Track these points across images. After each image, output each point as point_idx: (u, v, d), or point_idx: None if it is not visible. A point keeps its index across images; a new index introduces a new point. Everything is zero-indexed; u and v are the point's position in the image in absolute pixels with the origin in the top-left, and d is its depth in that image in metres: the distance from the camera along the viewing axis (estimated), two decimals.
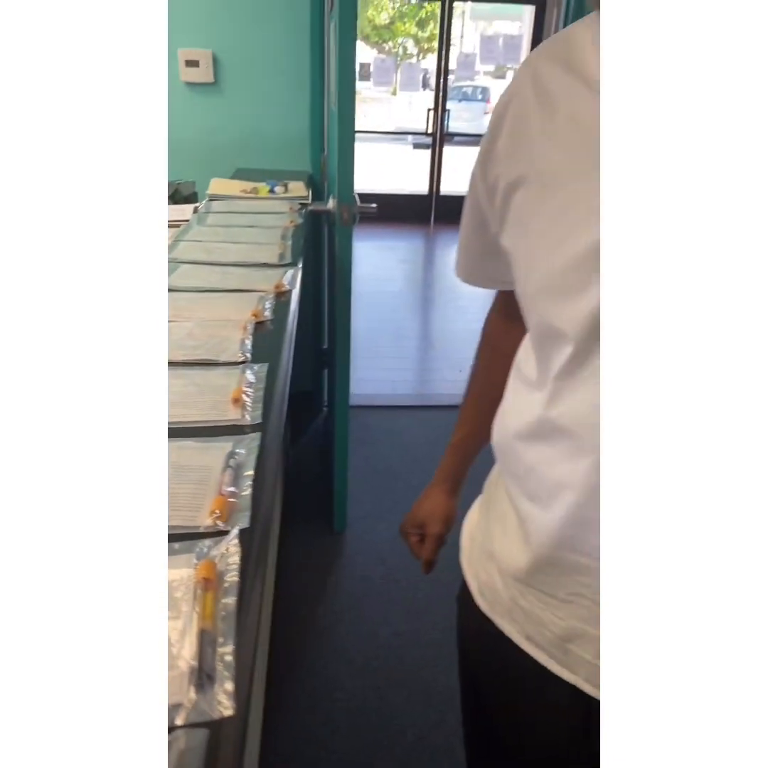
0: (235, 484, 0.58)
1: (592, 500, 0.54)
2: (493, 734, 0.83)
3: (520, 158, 0.55)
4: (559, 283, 0.52)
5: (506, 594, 0.68)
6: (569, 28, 0.56)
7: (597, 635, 0.60)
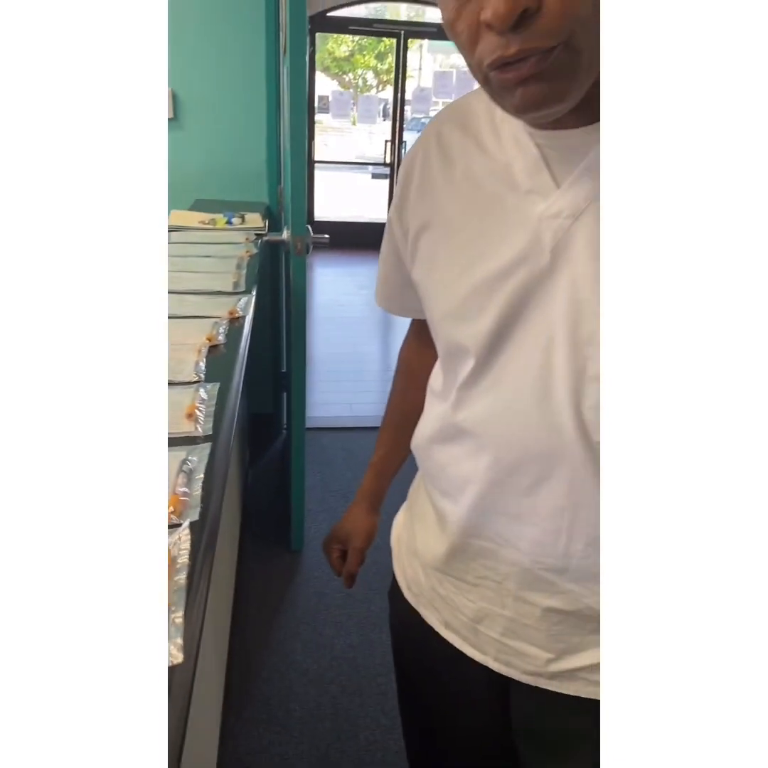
0: (187, 485, 0.66)
1: (492, 492, 0.64)
2: (426, 719, 0.91)
3: (427, 206, 0.66)
4: (461, 309, 0.62)
5: (427, 584, 0.78)
6: (466, 97, 0.67)
7: (501, 614, 0.70)
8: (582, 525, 0.61)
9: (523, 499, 0.62)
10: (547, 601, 0.66)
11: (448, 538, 0.71)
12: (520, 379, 0.60)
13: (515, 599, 0.68)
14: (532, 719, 0.76)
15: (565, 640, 0.67)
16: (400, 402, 0.92)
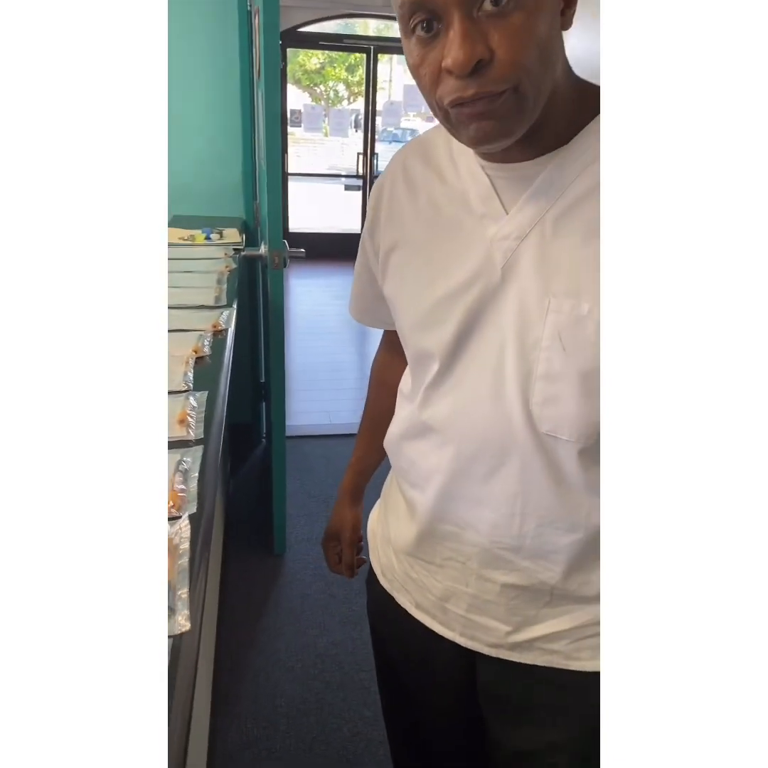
0: (184, 483, 0.74)
1: (455, 480, 0.73)
2: (401, 695, 0.99)
3: (395, 228, 0.74)
4: (426, 320, 0.71)
5: (400, 569, 0.86)
6: (427, 133, 0.76)
7: (465, 591, 0.78)
8: (533, 508, 0.70)
9: (482, 486, 0.71)
10: (505, 577, 0.74)
11: (417, 524, 0.79)
12: (478, 380, 0.68)
13: (477, 577, 0.76)
14: (495, 689, 0.85)
15: (522, 613, 0.76)
16: (375, 407, 1.00)
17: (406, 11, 0.55)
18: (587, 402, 0.64)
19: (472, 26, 0.52)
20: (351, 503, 1.06)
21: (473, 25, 0.52)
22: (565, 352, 0.63)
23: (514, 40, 0.53)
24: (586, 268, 0.61)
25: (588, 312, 0.61)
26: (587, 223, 0.61)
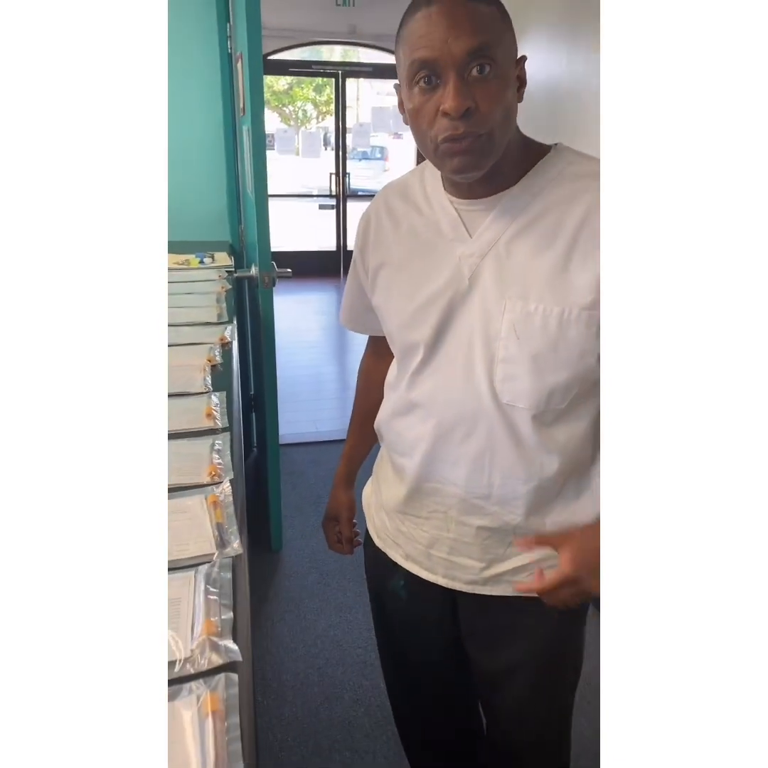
0: (220, 458, 0.94)
1: (436, 446, 0.93)
2: (394, 640, 1.18)
3: (382, 251, 0.95)
4: (411, 321, 0.92)
5: (392, 526, 1.06)
6: (404, 177, 0.97)
7: (447, 536, 0.97)
8: (498, 463, 0.90)
9: (458, 448, 0.91)
10: (478, 521, 0.94)
11: (406, 485, 0.99)
12: (453, 365, 0.89)
13: (457, 523, 0.96)
14: (471, 621, 1.05)
15: (493, 551, 0.96)
16: (363, 402, 1.20)
17: (415, 68, 0.75)
18: (537, 378, 0.85)
19: (463, 85, 0.74)
20: (345, 487, 1.25)
21: (464, 84, 0.74)
22: (518, 340, 0.84)
23: (491, 99, 0.75)
24: (531, 276, 0.83)
25: (534, 309, 0.83)
26: (531, 243, 0.83)
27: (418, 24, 0.74)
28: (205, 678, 0.56)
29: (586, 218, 0.81)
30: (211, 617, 0.61)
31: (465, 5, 0.72)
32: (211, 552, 0.73)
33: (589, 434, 0.92)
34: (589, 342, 0.83)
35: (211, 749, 0.49)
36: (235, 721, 0.52)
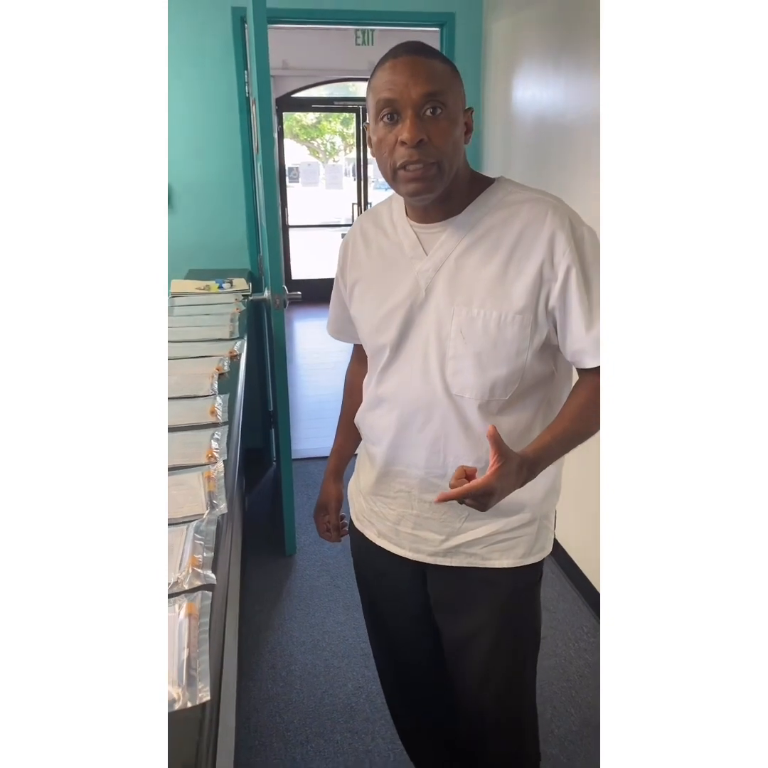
0: (218, 446, 1.11)
1: (400, 434, 1.08)
2: (374, 610, 1.32)
3: (356, 270, 1.13)
4: (379, 326, 1.08)
5: (367, 507, 1.21)
6: (376, 206, 1.15)
7: (411, 513, 1.12)
8: (451, 447, 1.05)
9: (417, 435, 1.07)
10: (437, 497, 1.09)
11: (376, 470, 1.15)
12: (412, 363, 1.05)
13: (419, 501, 1.11)
14: (438, 591, 1.19)
15: (450, 525, 1.11)
16: (349, 405, 1.35)
17: (380, 106, 0.93)
18: (480, 372, 1.00)
19: (418, 121, 0.91)
20: (334, 480, 1.40)
21: (419, 121, 0.91)
22: (464, 340, 1.00)
23: (441, 134, 0.92)
24: (475, 286, 0.99)
25: (476, 314, 0.99)
26: (475, 259, 1.00)
27: (386, 72, 0.92)
28: (187, 594, 0.73)
29: (520, 237, 0.97)
30: (195, 554, 0.78)
31: (424, 61, 0.91)
32: (201, 512, 0.90)
33: (535, 424, 1.07)
34: (524, 341, 0.99)
35: (185, 636, 0.65)
36: (205, 620, 0.68)
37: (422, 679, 1.35)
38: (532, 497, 1.09)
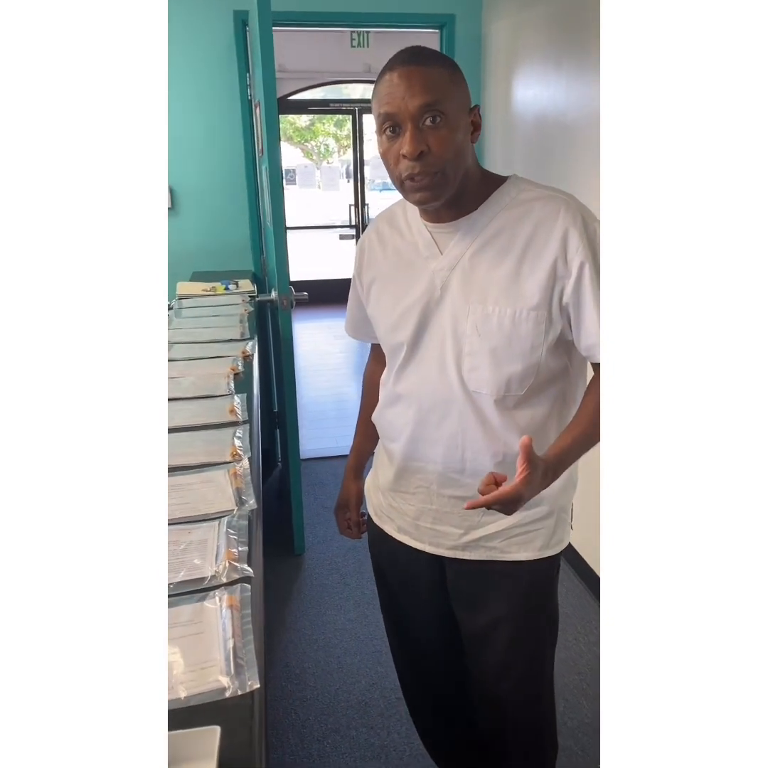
0: (241, 443, 1.13)
1: (418, 429, 1.10)
2: (394, 604, 1.34)
3: (373, 269, 1.15)
4: (396, 324, 1.10)
5: (386, 503, 1.23)
6: (391, 207, 1.17)
7: (431, 508, 1.14)
8: (469, 442, 1.07)
9: (435, 431, 1.09)
10: (456, 492, 1.11)
11: (395, 466, 1.17)
12: (430, 360, 1.07)
13: (438, 495, 1.13)
14: (456, 584, 1.21)
15: (469, 519, 1.13)
16: (368, 404, 1.37)
17: (382, 120, 0.95)
18: (496, 368, 1.02)
19: (418, 133, 0.93)
20: (355, 478, 1.42)
21: (419, 132, 0.93)
22: (480, 337, 1.02)
23: (442, 143, 0.94)
24: (489, 284, 1.01)
25: (491, 311, 1.01)
26: (489, 257, 1.01)
27: (384, 85, 0.94)
28: (227, 587, 0.74)
29: (533, 235, 0.99)
30: (230, 549, 0.80)
31: (419, 71, 0.92)
32: (232, 508, 0.91)
33: (551, 418, 1.08)
34: (539, 337, 1.00)
35: (229, 627, 0.67)
36: (247, 611, 0.70)
37: (441, 672, 1.37)
38: (550, 491, 1.10)
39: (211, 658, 0.63)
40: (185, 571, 0.76)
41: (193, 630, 0.67)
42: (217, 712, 0.57)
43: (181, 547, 0.80)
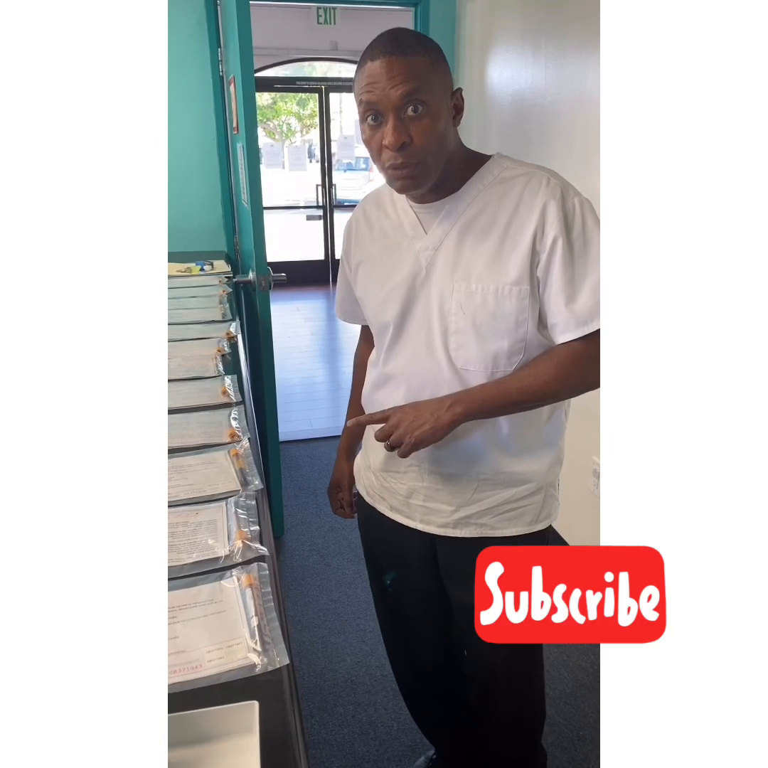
0: (238, 424, 1.12)
1: None
2: (384, 582, 1.35)
3: (360, 251, 1.14)
4: (383, 304, 1.10)
5: (377, 483, 1.23)
6: (378, 188, 1.16)
7: (422, 485, 1.14)
8: None
9: None
10: (447, 469, 1.12)
11: (385, 445, 1.17)
12: (417, 339, 1.08)
13: (429, 473, 1.14)
14: (447, 561, 1.22)
15: (460, 496, 1.14)
16: (358, 384, 1.37)
17: (363, 108, 0.94)
18: (481, 345, 1.03)
19: (400, 123, 0.92)
20: (347, 458, 1.41)
21: (401, 123, 0.92)
22: (464, 315, 1.03)
23: (424, 133, 0.93)
24: (473, 262, 1.01)
25: (475, 288, 1.01)
26: (473, 235, 1.02)
27: (366, 73, 0.93)
28: (243, 566, 0.74)
29: (515, 211, 1.00)
30: (242, 528, 0.80)
31: (399, 60, 0.91)
32: (237, 488, 0.91)
33: None
34: (523, 312, 1.01)
35: (251, 607, 0.67)
36: (267, 590, 0.70)
37: (432, 648, 1.39)
38: (539, 468, 1.12)
39: (236, 636, 0.63)
40: (198, 551, 0.76)
41: (214, 609, 0.67)
42: (249, 689, 0.58)
43: (191, 527, 0.80)
